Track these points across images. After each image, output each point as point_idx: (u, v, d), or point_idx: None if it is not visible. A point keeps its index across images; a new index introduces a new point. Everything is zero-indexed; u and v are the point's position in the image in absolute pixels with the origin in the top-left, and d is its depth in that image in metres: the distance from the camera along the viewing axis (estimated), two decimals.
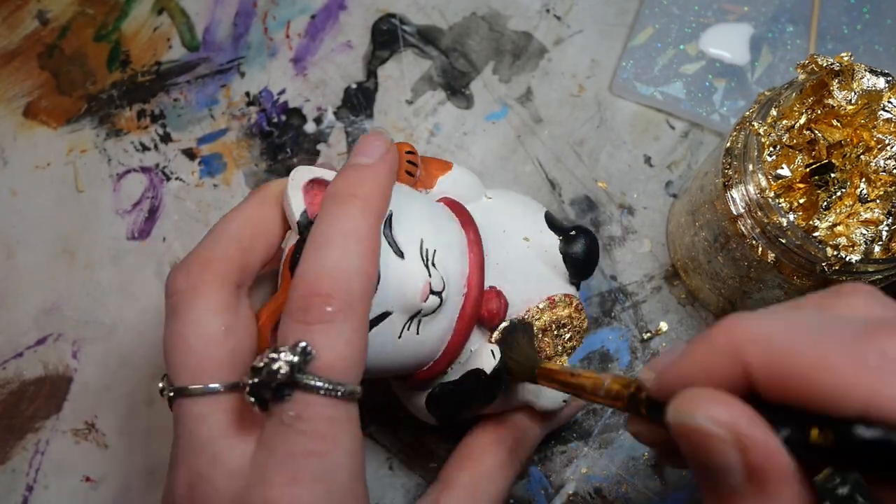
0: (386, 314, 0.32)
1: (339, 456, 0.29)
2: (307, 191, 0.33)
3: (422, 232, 0.33)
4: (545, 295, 0.37)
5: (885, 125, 0.35)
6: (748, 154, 0.36)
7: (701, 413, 0.23)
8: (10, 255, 0.49)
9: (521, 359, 0.35)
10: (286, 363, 0.28)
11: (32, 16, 0.52)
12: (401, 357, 0.34)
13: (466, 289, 0.34)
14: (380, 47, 0.51)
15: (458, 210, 0.36)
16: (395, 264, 0.32)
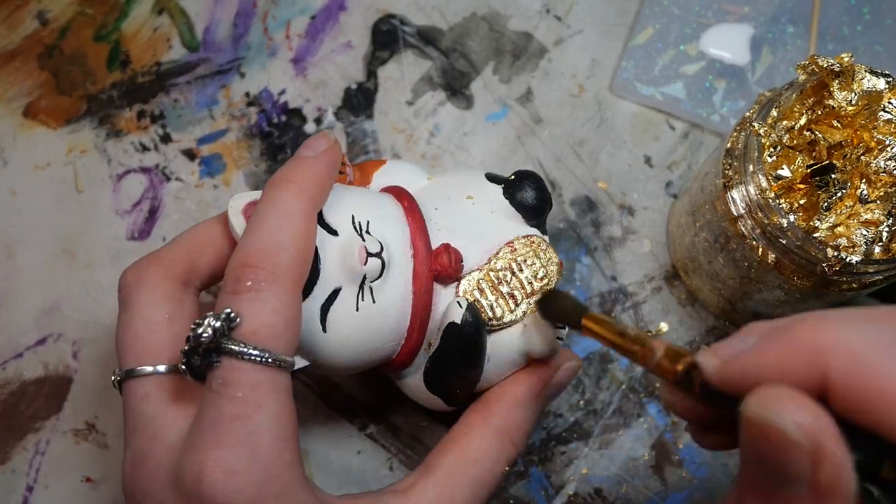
0: (336, 290, 0.34)
1: (263, 421, 0.30)
2: (246, 213, 0.35)
3: (352, 209, 0.35)
4: (502, 242, 0.37)
5: (886, 126, 0.35)
6: (748, 155, 0.36)
7: (787, 415, 0.22)
8: (10, 255, 0.49)
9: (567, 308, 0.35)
10: (210, 328, 0.30)
11: (32, 16, 0.52)
12: (368, 330, 0.35)
13: (413, 250, 0.36)
14: (380, 48, 0.51)
15: (393, 191, 0.38)
16: (331, 242, 0.34)
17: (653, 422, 0.45)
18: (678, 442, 0.45)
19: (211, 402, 0.30)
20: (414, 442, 0.45)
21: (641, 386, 0.45)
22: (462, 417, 0.38)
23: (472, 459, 0.36)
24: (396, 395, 0.41)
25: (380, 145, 0.49)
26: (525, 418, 0.38)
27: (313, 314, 0.34)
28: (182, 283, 0.35)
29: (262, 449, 0.30)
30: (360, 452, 0.45)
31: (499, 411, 0.37)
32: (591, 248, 0.48)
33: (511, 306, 0.37)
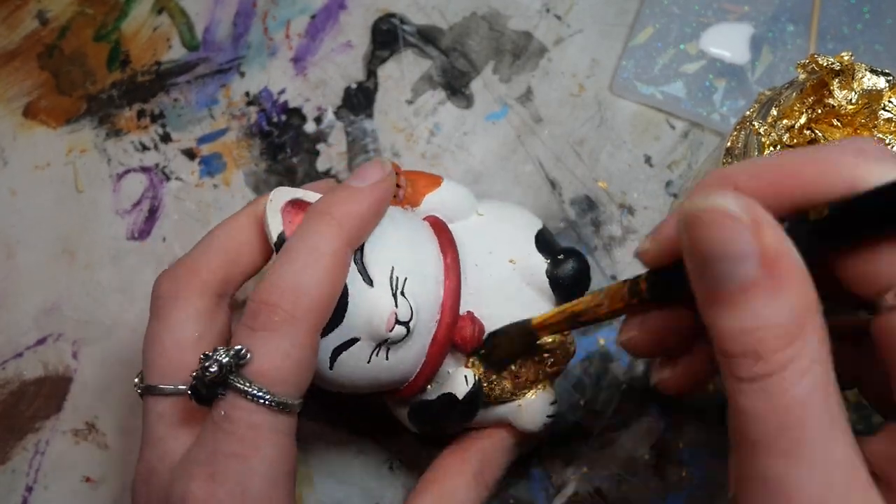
0: (353, 340, 0.33)
1: (257, 463, 0.30)
2: (286, 212, 0.33)
3: (394, 259, 0.33)
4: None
5: (886, 125, 0.35)
6: (748, 154, 0.36)
7: (722, 197, 0.22)
8: (10, 255, 0.49)
9: (513, 332, 0.35)
10: (217, 363, 0.29)
11: (32, 16, 0.52)
12: (371, 379, 0.34)
13: (440, 315, 0.34)
14: (380, 47, 0.51)
15: (440, 231, 0.36)
16: (363, 291, 0.32)
17: (653, 421, 0.45)
18: (678, 442, 0.45)
19: (210, 433, 0.30)
20: (414, 442, 0.45)
21: (642, 386, 0.45)
22: (440, 459, 0.39)
23: (451, 499, 0.37)
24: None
25: (380, 144, 0.49)
26: (499, 464, 0.39)
27: (325, 351, 0.33)
28: (218, 295, 0.34)
29: (253, 490, 0.30)
30: (360, 452, 0.45)
31: (475, 454, 0.38)
32: (591, 248, 0.47)
33: (513, 388, 0.37)
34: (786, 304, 0.22)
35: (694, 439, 0.45)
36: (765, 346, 0.22)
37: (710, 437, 0.45)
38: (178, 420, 0.33)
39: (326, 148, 0.50)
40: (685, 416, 0.45)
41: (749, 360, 0.23)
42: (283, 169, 0.49)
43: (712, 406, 0.45)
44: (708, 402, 0.45)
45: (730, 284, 0.22)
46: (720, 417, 0.45)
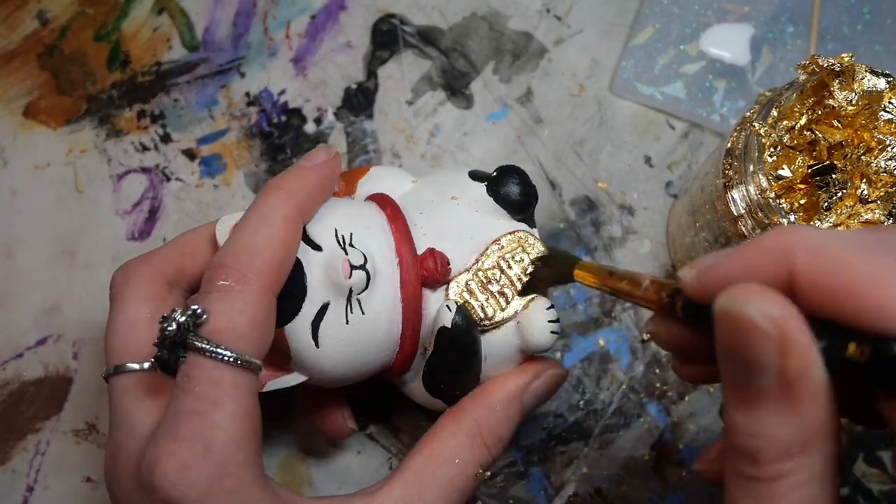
0: (325, 306, 0.34)
1: (220, 418, 0.30)
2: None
3: (333, 223, 0.35)
4: (489, 239, 0.37)
5: (886, 126, 0.35)
6: (749, 154, 0.36)
7: (754, 305, 0.22)
8: (10, 255, 0.49)
9: (559, 260, 0.36)
10: (175, 322, 0.30)
11: (32, 16, 0.52)
12: (360, 342, 0.35)
13: (398, 258, 0.36)
14: (380, 47, 0.51)
15: (377, 198, 0.38)
16: (315, 258, 0.34)
17: (653, 422, 0.45)
18: (678, 442, 0.45)
19: (175, 397, 0.31)
20: (414, 442, 0.45)
21: (642, 386, 0.45)
22: (437, 421, 0.38)
23: (442, 460, 0.36)
24: (396, 395, 0.41)
25: (380, 145, 0.49)
26: (498, 420, 0.37)
27: (305, 331, 0.34)
28: (168, 283, 0.36)
29: (216, 445, 0.30)
30: (360, 452, 0.45)
31: (470, 413, 0.37)
32: (591, 248, 0.47)
33: (502, 304, 0.37)
34: (794, 422, 0.22)
35: (694, 439, 0.45)
36: (763, 454, 0.23)
37: (710, 438, 0.45)
38: (142, 394, 0.33)
39: None
40: (685, 416, 0.45)
41: (746, 460, 0.23)
42: (283, 169, 0.49)
43: (712, 406, 0.45)
44: (708, 402, 0.45)
45: (747, 385, 0.23)
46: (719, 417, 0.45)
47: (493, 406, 0.37)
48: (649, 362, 0.46)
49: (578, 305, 0.47)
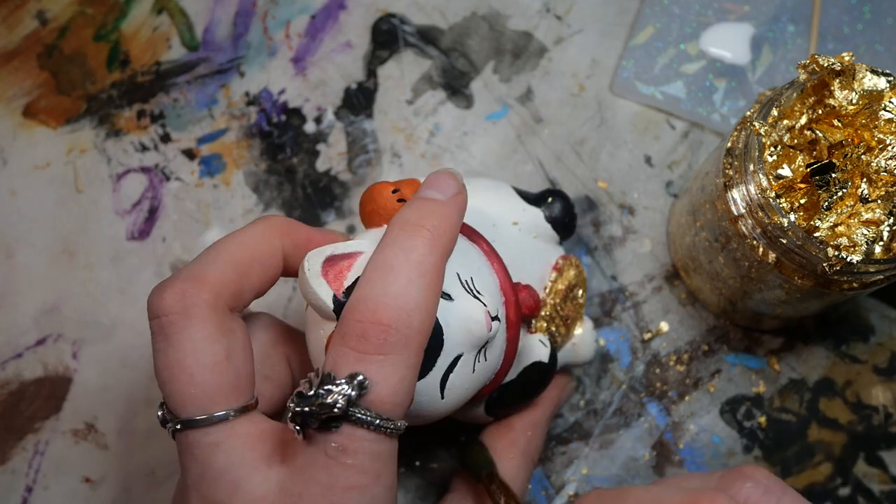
0: (458, 357, 0.32)
1: (379, 491, 0.29)
2: (325, 274, 0.31)
3: (454, 266, 0.32)
4: (549, 267, 0.38)
5: (887, 125, 0.35)
6: (749, 154, 0.36)
7: None
8: (9, 255, 0.49)
9: (479, 461, 0.38)
10: (342, 396, 0.27)
11: (32, 16, 0.52)
12: (476, 387, 0.34)
13: (504, 297, 0.34)
14: (380, 47, 0.51)
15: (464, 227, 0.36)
16: (449, 308, 0.31)
17: (653, 422, 0.45)
18: (678, 442, 0.45)
19: (322, 467, 0.28)
20: (414, 441, 0.45)
21: (642, 386, 0.45)
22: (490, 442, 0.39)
23: (509, 480, 0.38)
24: None
25: (380, 145, 0.49)
26: (541, 437, 0.41)
27: (434, 386, 0.32)
28: (230, 309, 0.31)
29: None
30: None
31: (522, 434, 0.39)
32: (591, 248, 0.47)
33: (567, 328, 0.39)
34: None
35: (694, 439, 0.45)
36: None
37: (710, 438, 0.45)
38: (244, 447, 0.30)
39: (326, 148, 0.50)
40: (685, 416, 0.45)
41: None
42: (283, 169, 0.49)
43: (712, 406, 0.45)
44: (708, 402, 0.45)
45: None
46: (720, 417, 0.45)
47: (538, 424, 0.40)
48: (649, 362, 0.46)
49: None
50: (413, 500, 0.44)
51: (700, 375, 0.46)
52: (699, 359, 0.46)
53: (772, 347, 0.46)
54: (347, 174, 0.49)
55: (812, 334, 0.46)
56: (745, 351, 0.46)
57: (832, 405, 0.45)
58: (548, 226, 0.39)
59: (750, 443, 0.44)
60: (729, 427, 0.45)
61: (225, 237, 0.33)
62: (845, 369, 0.46)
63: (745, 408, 0.45)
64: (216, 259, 0.32)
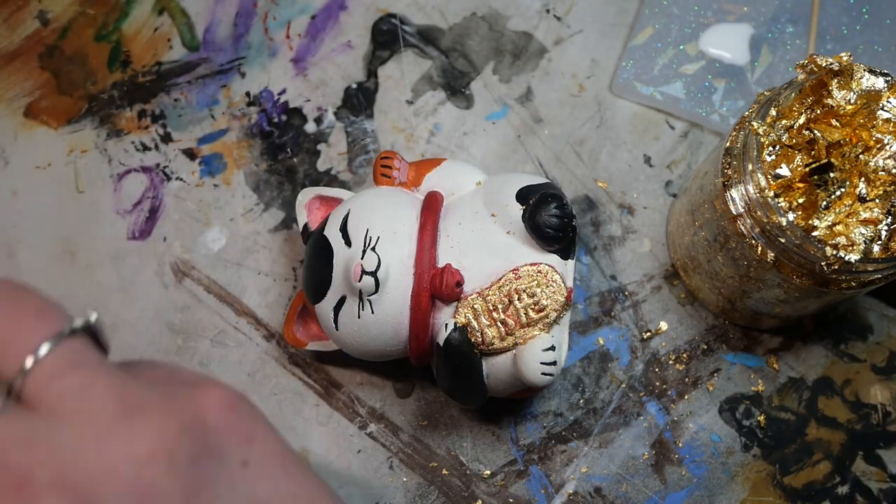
0: (343, 298, 0.38)
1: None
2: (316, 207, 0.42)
3: (368, 223, 0.38)
4: (510, 266, 0.38)
5: (885, 125, 0.35)
6: (748, 154, 0.36)
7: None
8: (10, 255, 0.49)
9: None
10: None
11: (33, 16, 0.52)
12: (370, 336, 0.39)
13: (415, 269, 0.38)
14: (380, 47, 0.51)
15: (427, 199, 0.40)
16: (342, 253, 0.38)
17: (653, 420, 0.45)
18: (678, 441, 0.45)
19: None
20: (414, 441, 0.45)
21: (641, 385, 0.45)
22: None
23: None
24: (397, 393, 0.41)
25: (380, 145, 0.49)
26: None
27: (328, 313, 0.39)
28: None
29: None
30: (360, 452, 0.45)
31: None
32: (590, 248, 0.48)
33: (502, 333, 0.38)
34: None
35: (694, 438, 0.45)
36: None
37: (709, 437, 0.45)
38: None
39: (327, 148, 0.50)
40: (685, 414, 0.45)
41: None
42: (284, 169, 0.49)
43: (712, 405, 0.45)
44: (707, 401, 0.45)
45: None
46: (719, 417, 0.45)
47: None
48: (649, 361, 0.46)
49: (578, 304, 0.47)
50: (413, 500, 0.44)
51: (699, 374, 0.46)
52: (698, 358, 0.46)
53: (771, 346, 0.46)
54: (348, 174, 0.49)
55: (811, 333, 0.46)
56: (744, 350, 0.46)
57: (831, 404, 0.45)
58: (523, 226, 0.38)
59: (749, 441, 0.45)
60: (728, 426, 0.45)
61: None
62: (844, 368, 0.46)
63: (744, 406, 0.45)
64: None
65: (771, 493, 0.44)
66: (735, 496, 0.44)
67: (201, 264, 0.48)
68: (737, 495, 0.44)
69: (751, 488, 0.44)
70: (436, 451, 0.45)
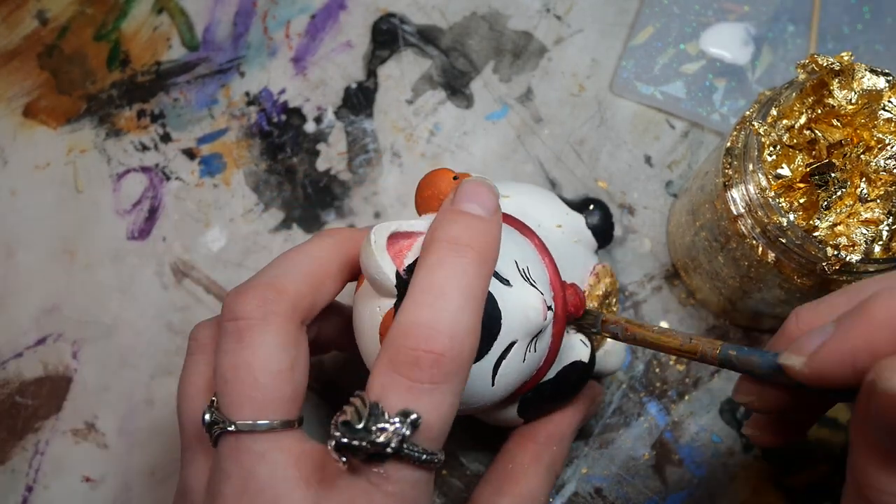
0: (511, 344, 0.32)
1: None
2: (392, 249, 0.31)
3: (511, 253, 0.33)
4: (588, 271, 0.39)
5: (886, 125, 0.35)
6: (748, 154, 0.36)
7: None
8: (10, 255, 0.49)
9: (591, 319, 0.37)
10: (396, 436, 0.27)
11: (32, 15, 0.52)
12: (524, 378, 0.34)
13: (553, 291, 0.34)
14: (380, 47, 0.51)
15: (508, 220, 0.36)
16: (507, 293, 0.31)
17: (653, 421, 0.45)
18: (678, 441, 0.45)
19: (362, 492, 0.28)
20: None
21: (642, 385, 0.45)
22: (512, 453, 0.39)
23: (531, 498, 0.37)
24: None
25: (380, 144, 0.49)
26: (566, 451, 0.40)
27: (487, 371, 0.32)
28: (302, 322, 0.32)
29: None
30: None
31: (548, 449, 0.38)
32: None
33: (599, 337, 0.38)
34: None
35: (694, 439, 0.45)
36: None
37: (709, 437, 0.45)
38: (287, 463, 0.29)
39: (326, 148, 0.50)
40: (685, 415, 0.45)
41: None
42: (283, 169, 0.49)
43: (712, 405, 0.45)
44: (708, 401, 0.45)
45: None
46: (720, 417, 0.45)
47: (563, 438, 0.39)
48: (649, 361, 0.46)
49: None
50: None
51: (700, 375, 0.46)
52: None
53: None
54: (347, 174, 0.49)
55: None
56: None
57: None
58: (588, 232, 0.40)
59: (750, 442, 0.45)
60: (728, 426, 0.45)
61: (296, 249, 0.33)
62: None
63: (745, 407, 0.45)
64: (293, 271, 0.32)
65: (771, 494, 0.44)
66: (736, 497, 0.44)
67: (201, 264, 0.48)
68: (737, 496, 0.44)
69: (751, 489, 0.44)
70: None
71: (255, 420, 0.29)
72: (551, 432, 0.38)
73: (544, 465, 0.38)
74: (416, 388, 0.27)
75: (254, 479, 0.29)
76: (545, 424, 0.39)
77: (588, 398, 0.40)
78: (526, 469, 0.38)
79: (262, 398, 0.29)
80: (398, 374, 0.27)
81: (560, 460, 0.39)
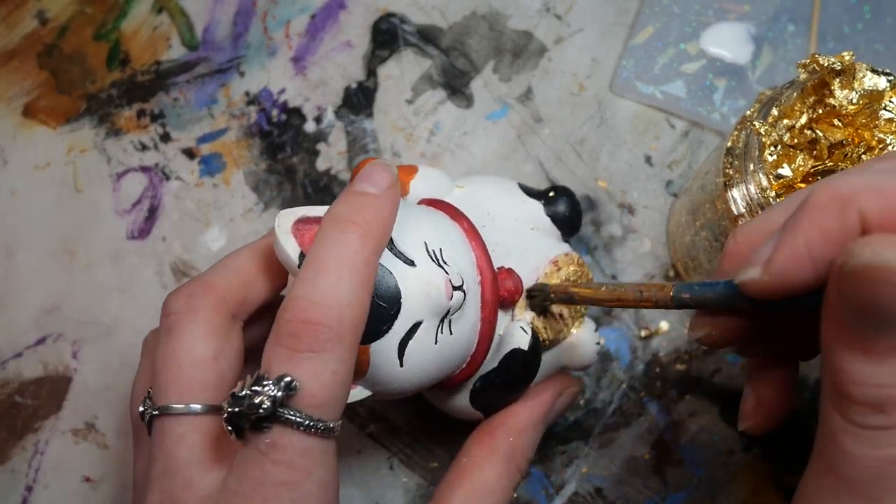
0: (417, 325, 0.32)
1: (310, 487, 0.29)
2: (296, 232, 0.32)
3: (423, 235, 0.33)
4: (547, 260, 0.38)
5: (887, 125, 0.35)
6: (749, 153, 0.36)
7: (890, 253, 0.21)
8: (10, 255, 0.49)
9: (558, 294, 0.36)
10: (269, 398, 0.28)
11: (31, 15, 0.52)
12: (442, 362, 0.34)
13: (480, 276, 0.35)
14: (380, 46, 0.51)
15: (441, 206, 0.37)
16: (410, 274, 0.32)
17: (653, 421, 0.45)
18: (678, 441, 0.45)
19: (254, 463, 0.29)
20: (414, 441, 0.45)
21: (642, 385, 0.45)
22: (468, 447, 0.38)
23: (486, 491, 0.37)
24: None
25: (380, 144, 0.49)
26: (528, 444, 0.38)
27: (391, 349, 0.32)
28: (232, 315, 0.33)
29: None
30: (360, 452, 0.45)
31: (504, 439, 0.38)
32: (591, 247, 0.47)
33: (560, 326, 0.38)
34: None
35: (694, 439, 0.45)
36: (892, 403, 0.23)
37: (710, 437, 0.45)
38: (204, 444, 0.31)
39: (326, 147, 0.50)
40: (685, 415, 0.45)
41: (868, 410, 0.23)
42: (283, 169, 0.49)
43: (712, 405, 0.45)
44: (708, 401, 0.45)
45: (881, 341, 0.22)
46: (720, 417, 0.45)
47: (524, 430, 0.38)
48: (649, 361, 0.46)
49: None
50: (413, 499, 0.44)
51: (700, 375, 0.46)
52: (699, 358, 0.46)
53: None
54: (347, 174, 0.49)
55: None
56: None
57: None
58: (547, 220, 0.39)
59: (750, 442, 0.44)
60: (729, 426, 0.45)
61: (237, 249, 0.35)
62: None
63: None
64: (225, 269, 0.34)
65: (772, 494, 0.44)
66: (736, 497, 0.44)
67: (201, 264, 0.48)
68: (738, 496, 0.44)
69: (751, 489, 0.44)
70: (436, 451, 0.45)
71: (175, 403, 0.31)
72: (509, 424, 0.38)
73: (500, 458, 0.37)
74: (296, 356, 0.28)
75: (173, 460, 0.31)
76: (503, 416, 0.38)
77: (554, 391, 0.39)
78: (480, 462, 0.37)
79: (184, 384, 0.31)
80: (280, 346, 0.29)
81: (521, 453, 0.38)
